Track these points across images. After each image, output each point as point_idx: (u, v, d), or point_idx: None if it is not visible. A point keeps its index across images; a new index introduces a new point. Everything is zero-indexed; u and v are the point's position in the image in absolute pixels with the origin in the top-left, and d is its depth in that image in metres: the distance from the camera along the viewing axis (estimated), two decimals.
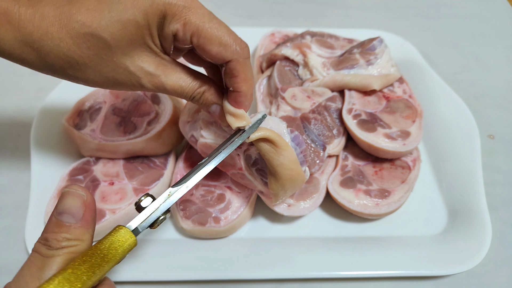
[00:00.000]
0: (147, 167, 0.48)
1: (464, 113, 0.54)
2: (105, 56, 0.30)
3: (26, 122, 0.55)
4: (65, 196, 0.28)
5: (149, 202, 0.30)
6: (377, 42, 0.53)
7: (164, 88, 0.33)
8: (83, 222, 0.28)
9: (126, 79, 0.32)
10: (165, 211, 0.30)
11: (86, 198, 0.28)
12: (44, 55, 0.30)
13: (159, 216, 0.30)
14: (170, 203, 0.31)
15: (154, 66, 0.32)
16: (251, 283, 0.43)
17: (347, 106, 0.50)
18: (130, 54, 0.31)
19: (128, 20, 0.29)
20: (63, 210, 0.27)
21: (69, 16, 0.29)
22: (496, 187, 0.52)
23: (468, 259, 0.42)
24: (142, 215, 0.29)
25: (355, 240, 0.46)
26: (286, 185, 0.39)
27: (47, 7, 0.29)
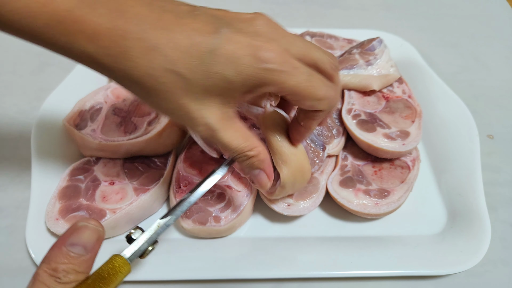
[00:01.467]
0: (148, 167, 0.48)
1: (464, 113, 0.54)
2: (175, 95, 0.29)
3: (27, 122, 0.55)
4: (83, 230, 0.27)
5: (139, 234, 0.32)
6: (377, 42, 0.53)
7: (215, 141, 0.32)
8: (92, 255, 0.27)
9: (183, 119, 0.31)
10: (153, 242, 0.32)
11: (101, 235, 0.28)
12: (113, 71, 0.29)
13: (147, 247, 0.32)
14: (158, 234, 0.33)
15: (216, 118, 0.31)
16: (251, 283, 0.43)
17: (347, 106, 0.50)
18: (201, 101, 0.30)
19: (217, 73, 0.28)
20: (78, 243, 0.27)
21: (154, 49, 0.27)
22: (496, 187, 0.52)
23: (467, 258, 0.42)
24: (133, 247, 0.31)
25: (354, 240, 0.46)
26: (297, 176, 0.40)
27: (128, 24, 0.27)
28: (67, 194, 0.45)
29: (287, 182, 0.40)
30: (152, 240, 0.32)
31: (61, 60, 0.69)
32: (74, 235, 0.27)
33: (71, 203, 0.44)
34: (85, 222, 0.28)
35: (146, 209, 0.46)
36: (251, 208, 0.47)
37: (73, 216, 0.43)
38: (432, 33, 0.76)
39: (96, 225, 0.28)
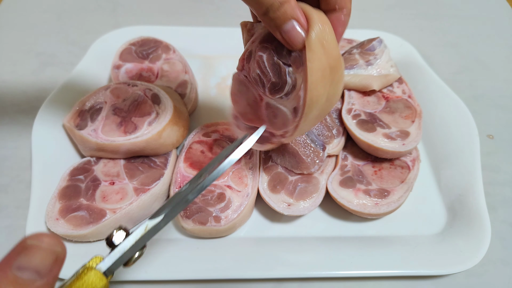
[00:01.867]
0: (148, 167, 0.48)
1: (464, 113, 0.54)
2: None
3: (27, 122, 0.55)
4: (34, 251, 0.21)
5: (122, 237, 0.26)
6: (377, 42, 0.53)
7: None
8: (50, 279, 0.22)
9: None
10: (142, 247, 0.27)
11: (59, 255, 0.22)
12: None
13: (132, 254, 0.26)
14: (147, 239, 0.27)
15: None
16: (251, 282, 0.43)
17: (347, 106, 0.50)
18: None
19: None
20: (27, 267, 0.21)
21: None
22: (496, 187, 0.52)
23: (467, 258, 0.42)
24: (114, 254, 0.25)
25: (354, 240, 0.46)
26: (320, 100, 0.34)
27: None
28: (67, 194, 0.45)
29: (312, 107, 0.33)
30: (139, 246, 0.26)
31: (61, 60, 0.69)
32: (22, 257, 0.21)
33: (71, 203, 0.44)
34: (35, 241, 0.22)
35: (146, 209, 0.46)
36: (251, 208, 0.47)
37: (73, 216, 0.43)
38: (432, 33, 0.76)
39: (52, 243, 0.22)
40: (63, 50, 0.67)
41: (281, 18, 0.29)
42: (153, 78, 0.58)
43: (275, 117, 0.37)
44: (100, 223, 0.42)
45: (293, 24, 0.30)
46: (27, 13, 0.73)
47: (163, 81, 0.58)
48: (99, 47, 0.62)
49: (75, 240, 0.43)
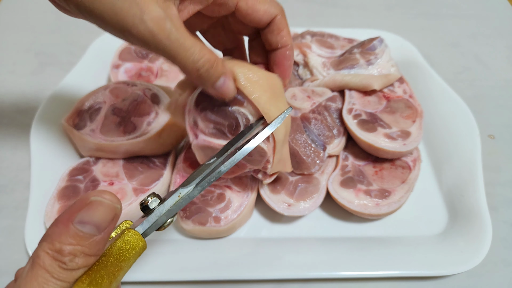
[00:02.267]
0: (147, 167, 0.48)
1: (464, 113, 0.54)
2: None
3: (26, 122, 0.55)
4: (96, 206, 0.23)
5: (156, 203, 0.28)
6: (377, 42, 0.53)
7: (168, 38, 0.27)
8: (105, 235, 0.23)
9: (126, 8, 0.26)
10: (173, 215, 0.28)
11: (118, 212, 0.24)
12: None
13: (166, 220, 0.28)
14: (180, 206, 0.29)
15: (164, 10, 0.27)
16: (251, 283, 0.43)
17: (347, 106, 0.50)
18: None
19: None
20: (89, 221, 0.22)
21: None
22: (497, 187, 0.52)
23: (468, 259, 0.42)
24: (151, 219, 0.27)
25: (355, 240, 0.46)
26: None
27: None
28: (66, 194, 0.45)
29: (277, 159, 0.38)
30: (172, 213, 0.28)
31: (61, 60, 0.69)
32: (85, 212, 0.22)
33: (70, 203, 0.44)
34: (99, 197, 0.23)
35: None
36: (251, 209, 0.46)
37: None
38: (433, 32, 0.75)
39: (113, 200, 0.23)
40: (62, 50, 0.67)
41: (212, 75, 0.31)
42: (152, 77, 0.58)
43: (251, 155, 0.39)
44: None
45: (223, 80, 0.32)
46: (26, 13, 0.73)
47: (163, 80, 0.57)
48: (98, 47, 0.61)
49: None
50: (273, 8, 0.33)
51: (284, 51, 0.35)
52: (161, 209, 0.28)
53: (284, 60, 0.36)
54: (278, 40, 0.35)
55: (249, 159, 0.39)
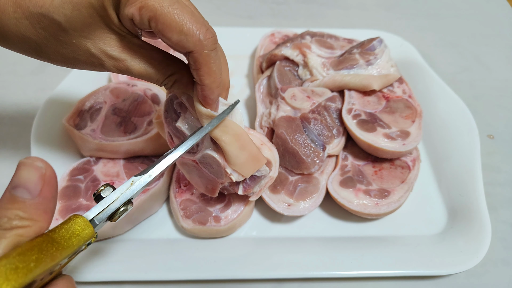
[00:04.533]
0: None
1: (464, 113, 0.54)
2: (62, 37, 0.29)
3: (27, 122, 0.55)
4: (20, 167, 0.24)
5: (109, 192, 0.28)
6: (377, 42, 0.53)
7: (130, 73, 0.31)
8: (40, 199, 0.23)
9: (88, 60, 0.31)
10: (126, 202, 0.28)
11: (45, 172, 0.24)
12: (4, 34, 0.29)
13: (118, 207, 0.27)
14: (131, 193, 0.28)
15: (118, 49, 0.30)
16: (251, 283, 0.43)
17: (347, 106, 0.50)
18: (90, 36, 0.30)
19: (79, 1, 0.28)
20: (18, 184, 0.23)
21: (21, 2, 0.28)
22: (496, 187, 0.52)
23: (468, 259, 0.42)
24: (100, 206, 0.27)
25: (354, 240, 0.46)
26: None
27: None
28: (67, 194, 0.45)
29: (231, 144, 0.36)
30: (125, 199, 0.28)
31: None
32: (14, 176, 0.24)
33: (71, 203, 0.44)
34: (23, 159, 0.24)
35: (146, 209, 0.46)
36: (251, 208, 0.46)
37: None
38: (432, 33, 0.76)
39: (33, 159, 0.24)
40: None
41: (178, 93, 0.34)
42: None
43: (211, 166, 0.39)
44: None
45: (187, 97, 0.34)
46: None
47: None
48: None
49: None
50: (190, 42, 0.29)
51: (200, 88, 0.32)
52: (112, 196, 0.27)
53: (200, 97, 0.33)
54: (194, 74, 0.32)
55: (212, 170, 0.39)
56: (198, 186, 0.43)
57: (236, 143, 0.36)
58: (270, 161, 0.42)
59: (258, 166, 0.39)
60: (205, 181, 0.41)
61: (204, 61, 0.30)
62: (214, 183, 0.40)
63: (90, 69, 0.32)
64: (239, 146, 0.36)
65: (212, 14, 0.76)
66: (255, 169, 0.38)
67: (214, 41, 0.30)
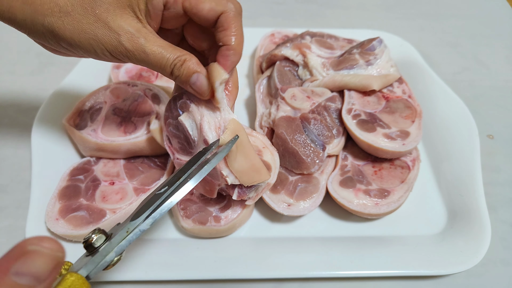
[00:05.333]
0: (148, 167, 0.48)
1: (464, 113, 0.54)
2: (88, 6, 0.31)
3: (27, 122, 0.55)
4: (34, 256, 0.20)
5: (102, 240, 0.25)
6: (377, 42, 0.53)
7: (144, 51, 0.32)
8: (47, 284, 0.21)
9: (105, 35, 0.32)
10: (121, 251, 0.26)
11: (60, 261, 0.21)
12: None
13: (113, 258, 0.25)
14: (127, 243, 0.26)
15: (135, 28, 0.32)
16: (251, 283, 0.43)
17: (347, 106, 0.50)
18: (113, 11, 0.32)
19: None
20: (26, 273, 0.20)
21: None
22: (496, 187, 0.52)
23: (468, 258, 0.42)
24: (96, 259, 0.25)
25: (354, 240, 0.46)
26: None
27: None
28: (67, 194, 0.45)
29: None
30: (121, 250, 0.26)
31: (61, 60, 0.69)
32: (21, 262, 0.20)
33: (71, 203, 0.44)
34: (36, 246, 0.21)
35: None
36: (251, 208, 0.47)
37: (73, 216, 0.43)
38: (432, 33, 0.76)
39: (54, 249, 0.21)
40: None
41: (186, 73, 0.34)
42: (153, 78, 0.58)
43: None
44: (100, 223, 0.42)
45: (197, 76, 0.34)
46: None
47: (163, 81, 0.58)
48: None
49: (75, 240, 0.43)
50: (220, 5, 0.34)
51: (224, 49, 0.35)
52: (107, 247, 0.25)
53: (221, 58, 0.35)
54: (220, 37, 0.35)
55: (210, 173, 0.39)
56: (197, 187, 0.43)
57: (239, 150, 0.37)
58: (270, 166, 0.42)
59: (259, 179, 0.39)
60: (203, 182, 0.41)
61: (232, 21, 0.34)
62: (211, 184, 0.41)
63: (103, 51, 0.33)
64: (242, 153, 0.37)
65: None
66: (254, 181, 0.39)
67: (240, 7, 0.35)
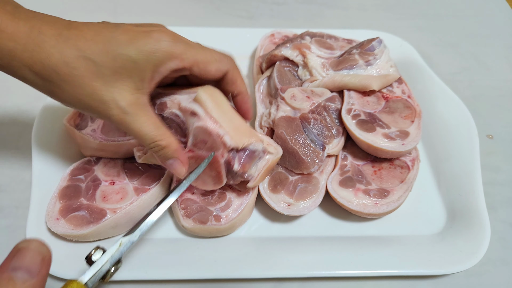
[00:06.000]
0: (148, 167, 0.48)
1: (463, 113, 0.54)
2: (87, 79, 0.33)
3: (27, 122, 0.55)
4: (24, 252, 0.25)
5: (100, 254, 0.31)
6: (376, 42, 0.53)
7: (128, 128, 0.35)
8: (40, 278, 0.25)
9: (97, 106, 0.34)
10: (116, 262, 0.31)
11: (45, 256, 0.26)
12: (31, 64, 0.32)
13: (109, 268, 0.30)
14: (119, 254, 0.31)
15: (128, 103, 0.34)
16: (251, 282, 0.43)
17: (346, 106, 0.50)
18: (112, 84, 0.33)
19: (121, 54, 0.33)
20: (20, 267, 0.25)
21: (66, 40, 0.32)
22: (495, 187, 0.52)
23: (467, 258, 0.42)
24: (92, 269, 0.30)
25: (354, 240, 0.46)
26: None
27: (45, 25, 0.32)
28: (68, 194, 0.45)
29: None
30: (114, 260, 0.31)
31: None
32: (15, 259, 0.25)
33: (72, 203, 0.44)
34: (24, 244, 0.26)
35: (146, 209, 0.46)
36: (251, 208, 0.47)
37: (73, 216, 0.43)
38: (431, 33, 0.76)
39: (38, 245, 0.26)
40: None
41: (163, 157, 0.38)
42: None
43: (204, 142, 0.40)
44: (100, 223, 0.42)
45: (173, 161, 0.38)
46: None
47: None
48: None
49: (75, 240, 0.43)
50: (223, 65, 0.38)
51: (241, 98, 0.42)
52: (103, 259, 0.30)
53: (243, 104, 0.42)
54: (233, 89, 0.41)
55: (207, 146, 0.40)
56: (205, 183, 0.43)
57: (219, 107, 0.40)
58: (270, 144, 0.44)
59: (248, 136, 0.41)
60: (207, 170, 0.41)
61: (237, 73, 0.40)
62: (215, 165, 0.40)
63: (93, 115, 0.36)
64: (221, 111, 0.40)
65: (213, 14, 0.76)
66: (244, 142, 0.40)
67: (233, 59, 0.40)
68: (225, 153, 0.40)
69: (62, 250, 0.42)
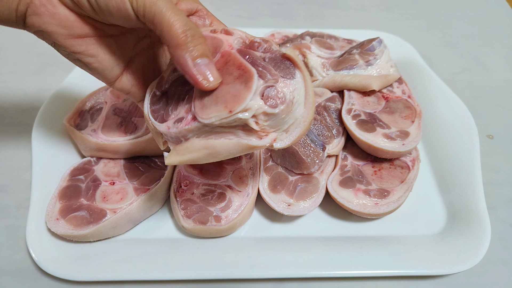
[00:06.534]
0: (148, 167, 0.48)
1: (463, 113, 0.54)
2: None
3: (27, 122, 0.55)
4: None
5: None
6: (377, 42, 0.53)
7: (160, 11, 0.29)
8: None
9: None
10: None
11: None
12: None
13: None
14: None
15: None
16: (251, 282, 0.43)
17: (347, 106, 0.50)
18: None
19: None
20: None
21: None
22: (495, 187, 0.52)
23: (467, 258, 0.42)
24: None
25: (354, 240, 0.46)
26: None
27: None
28: (68, 194, 0.45)
29: None
30: None
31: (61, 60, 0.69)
32: None
33: (72, 203, 0.44)
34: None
35: (146, 209, 0.46)
36: (251, 208, 0.47)
37: (73, 216, 0.43)
38: (431, 33, 0.76)
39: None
40: None
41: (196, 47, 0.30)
42: None
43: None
44: (100, 223, 0.42)
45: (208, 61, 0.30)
46: None
47: None
48: None
49: (75, 240, 0.43)
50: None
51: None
52: None
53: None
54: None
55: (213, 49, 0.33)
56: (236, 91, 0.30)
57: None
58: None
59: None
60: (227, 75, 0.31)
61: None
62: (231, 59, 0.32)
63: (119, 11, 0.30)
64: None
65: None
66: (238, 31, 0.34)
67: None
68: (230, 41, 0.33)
69: (62, 250, 0.42)
